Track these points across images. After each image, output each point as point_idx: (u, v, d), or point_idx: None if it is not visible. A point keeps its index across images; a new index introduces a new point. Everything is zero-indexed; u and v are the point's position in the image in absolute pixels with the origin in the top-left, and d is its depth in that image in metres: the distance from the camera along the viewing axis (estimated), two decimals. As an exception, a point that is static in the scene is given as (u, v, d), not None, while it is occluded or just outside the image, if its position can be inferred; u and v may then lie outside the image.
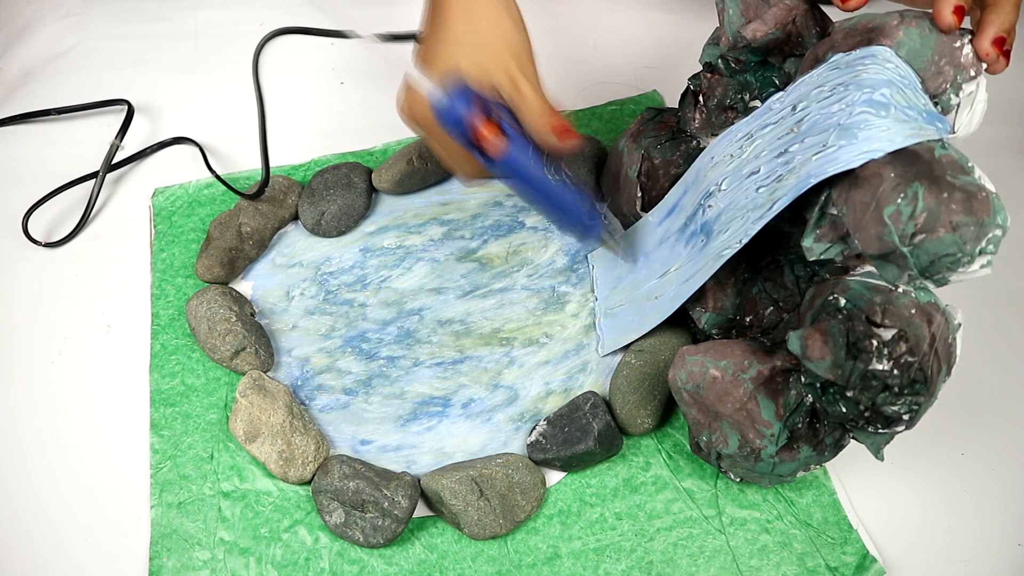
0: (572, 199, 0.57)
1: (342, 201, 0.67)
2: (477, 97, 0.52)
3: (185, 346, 0.62)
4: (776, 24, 0.55)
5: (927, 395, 0.45)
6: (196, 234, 0.68)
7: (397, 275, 0.66)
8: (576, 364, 0.62)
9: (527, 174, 0.55)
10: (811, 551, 0.53)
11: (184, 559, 0.53)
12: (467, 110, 0.52)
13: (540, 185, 0.55)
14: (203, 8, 0.86)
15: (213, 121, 0.76)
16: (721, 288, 0.57)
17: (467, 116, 0.52)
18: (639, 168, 0.63)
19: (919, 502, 0.56)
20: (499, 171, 0.55)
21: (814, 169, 0.47)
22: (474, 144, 0.53)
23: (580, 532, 0.55)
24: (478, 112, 0.52)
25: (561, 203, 0.57)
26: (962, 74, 0.48)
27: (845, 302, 0.47)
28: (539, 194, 0.56)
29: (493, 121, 0.53)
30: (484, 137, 0.52)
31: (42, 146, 0.74)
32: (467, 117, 0.52)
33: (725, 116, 0.60)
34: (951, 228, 0.44)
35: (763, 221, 0.50)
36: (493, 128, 0.53)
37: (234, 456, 0.57)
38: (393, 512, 0.53)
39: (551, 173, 0.55)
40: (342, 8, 0.53)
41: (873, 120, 0.46)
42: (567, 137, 0.54)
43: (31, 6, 0.87)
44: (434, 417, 0.60)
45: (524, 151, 0.54)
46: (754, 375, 0.50)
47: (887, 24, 0.49)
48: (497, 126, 0.53)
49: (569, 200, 0.57)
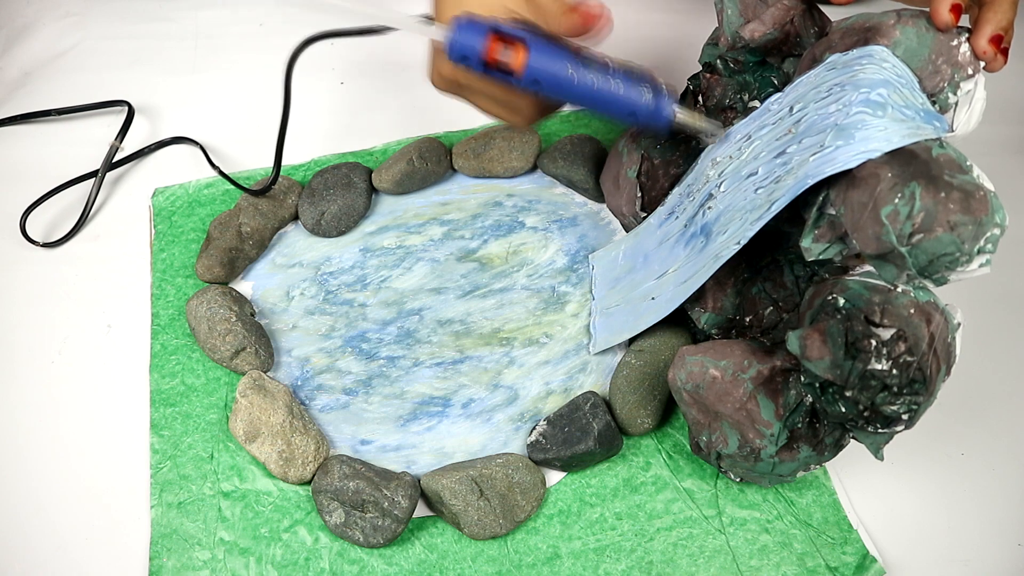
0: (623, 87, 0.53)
1: (342, 201, 0.67)
2: (491, 27, 0.51)
3: (185, 346, 0.62)
4: (774, 24, 0.55)
5: (926, 395, 0.45)
6: (196, 234, 0.68)
7: (397, 275, 0.66)
8: (576, 364, 0.62)
9: (562, 82, 0.52)
10: (811, 551, 0.53)
11: (184, 559, 0.53)
12: (480, 38, 0.51)
13: (582, 88, 0.53)
14: (203, 8, 0.86)
15: (213, 121, 0.76)
16: (721, 288, 0.57)
17: (480, 44, 0.51)
18: (639, 168, 0.63)
19: (919, 502, 0.56)
20: (530, 84, 0.53)
21: (812, 170, 0.47)
22: (494, 68, 0.52)
23: (580, 532, 0.55)
24: (491, 36, 0.51)
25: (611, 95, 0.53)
26: (960, 73, 0.48)
27: (844, 302, 0.47)
28: (584, 93, 0.53)
29: (509, 42, 0.51)
30: (499, 60, 0.51)
31: (42, 146, 0.75)
32: (480, 45, 0.51)
33: (724, 116, 0.60)
34: (949, 227, 0.44)
35: (761, 222, 0.50)
36: (508, 47, 0.51)
37: (234, 456, 0.57)
38: (393, 512, 0.53)
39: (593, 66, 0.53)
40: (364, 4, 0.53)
41: (870, 120, 0.46)
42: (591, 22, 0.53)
43: (31, 6, 0.87)
44: (434, 417, 0.60)
45: (550, 55, 0.52)
46: (754, 375, 0.50)
47: (884, 23, 0.49)
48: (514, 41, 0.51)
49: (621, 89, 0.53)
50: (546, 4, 0.54)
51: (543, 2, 0.53)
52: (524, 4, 0.54)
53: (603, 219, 0.69)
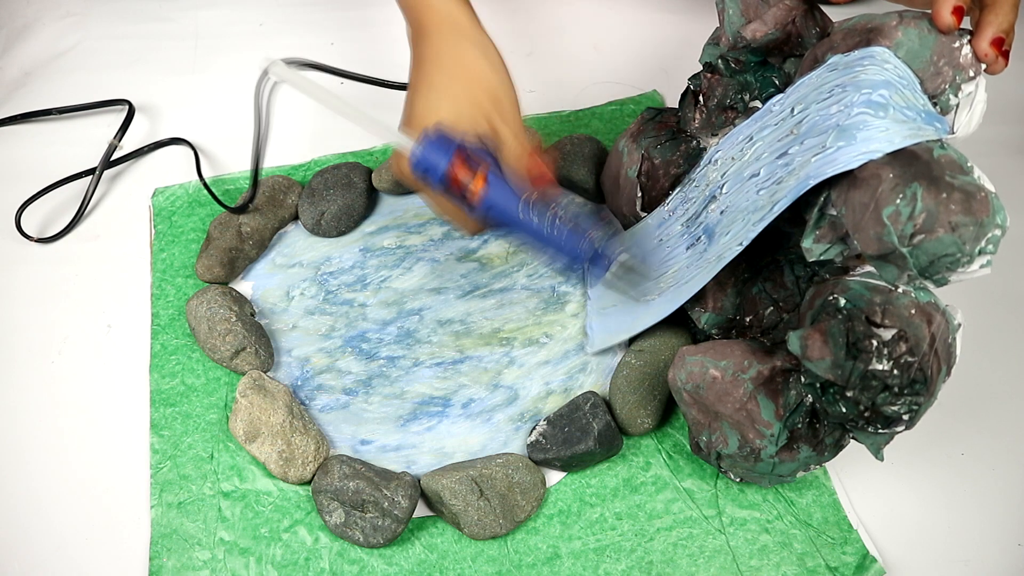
0: (567, 240, 0.55)
1: (342, 201, 0.67)
2: (457, 146, 0.52)
3: (185, 346, 0.62)
4: (776, 24, 0.55)
5: (927, 395, 0.45)
6: (196, 234, 0.68)
7: (397, 275, 0.66)
8: (576, 364, 0.62)
9: (511, 218, 0.54)
10: (811, 551, 0.53)
11: (184, 559, 0.53)
12: (444, 159, 0.52)
13: (528, 228, 0.54)
14: (203, 8, 0.86)
15: (213, 121, 0.76)
16: (721, 288, 0.57)
17: (444, 165, 0.52)
18: (639, 168, 0.63)
19: (919, 502, 0.56)
20: (482, 217, 0.54)
21: (813, 171, 0.47)
22: (453, 192, 0.53)
23: (580, 532, 0.55)
24: (456, 160, 0.52)
25: (555, 245, 0.55)
26: (961, 74, 0.48)
27: (845, 302, 0.47)
28: (530, 237, 0.55)
29: (471, 168, 0.52)
30: (459, 183, 0.52)
31: (42, 145, 0.75)
32: (444, 166, 0.52)
33: (725, 116, 0.60)
34: (950, 228, 0.44)
35: (763, 224, 0.50)
36: (469, 174, 0.52)
37: (234, 456, 0.57)
38: (393, 512, 0.53)
39: (545, 216, 0.54)
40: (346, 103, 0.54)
41: (871, 121, 0.46)
42: (541, 183, 0.55)
43: (31, 6, 0.87)
44: (434, 417, 0.60)
45: (507, 195, 0.53)
46: (754, 375, 0.50)
47: (886, 24, 0.49)
48: (476, 173, 0.52)
49: (565, 242, 0.55)
50: (507, 138, 0.55)
51: (504, 136, 0.55)
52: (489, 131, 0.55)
53: (603, 219, 0.69)
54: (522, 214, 0.54)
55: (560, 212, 0.55)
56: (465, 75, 0.55)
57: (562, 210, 0.55)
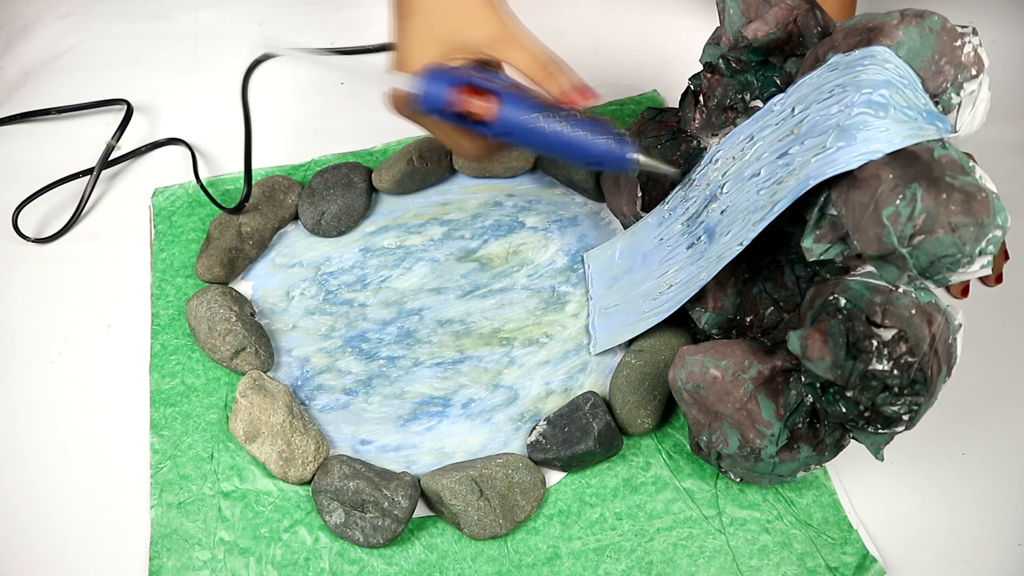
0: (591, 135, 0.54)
1: (342, 201, 0.67)
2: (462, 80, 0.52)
3: (185, 346, 0.62)
4: (777, 24, 0.55)
5: (927, 395, 0.45)
6: (196, 234, 0.68)
7: (397, 275, 0.66)
8: (576, 364, 0.62)
9: (531, 126, 0.53)
10: (811, 551, 0.53)
11: (184, 559, 0.53)
12: (446, 89, 0.51)
13: (550, 133, 0.54)
14: (203, 8, 0.86)
15: (213, 121, 0.76)
16: (721, 288, 0.57)
17: (447, 94, 0.51)
18: (639, 168, 0.62)
19: (919, 502, 0.56)
20: (500, 133, 0.54)
21: (813, 171, 0.47)
22: (466, 118, 0.52)
23: (580, 532, 0.55)
24: (459, 87, 0.51)
25: (579, 143, 0.54)
26: (963, 73, 0.48)
27: (845, 302, 0.46)
28: (553, 142, 0.54)
29: (477, 88, 0.52)
30: (470, 105, 0.52)
31: (41, 145, 0.75)
32: (448, 95, 0.51)
33: (725, 116, 0.60)
34: (950, 229, 0.44)
35: (763, 224, 0.50)
36: (477, 94, 0.52)
37: (234, 456, 0.57)
38: (393, 512, 0.53)
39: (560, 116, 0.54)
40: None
41: (872, 121, 0.46)
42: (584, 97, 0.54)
43: (31, 6, 0.87)
44: (434, 417, 0.60)
45: (521, 104, 0.53)
46: (754, 375, 0.50)
47: (886, 24, 0.49)
48: (483, 91, 0.52)
49: (589, 137, 0.54)
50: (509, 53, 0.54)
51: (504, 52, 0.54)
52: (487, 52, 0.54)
53: (603, 219, 0.69)
54: (543, 124, 0.53)
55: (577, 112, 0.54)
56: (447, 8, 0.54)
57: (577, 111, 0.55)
